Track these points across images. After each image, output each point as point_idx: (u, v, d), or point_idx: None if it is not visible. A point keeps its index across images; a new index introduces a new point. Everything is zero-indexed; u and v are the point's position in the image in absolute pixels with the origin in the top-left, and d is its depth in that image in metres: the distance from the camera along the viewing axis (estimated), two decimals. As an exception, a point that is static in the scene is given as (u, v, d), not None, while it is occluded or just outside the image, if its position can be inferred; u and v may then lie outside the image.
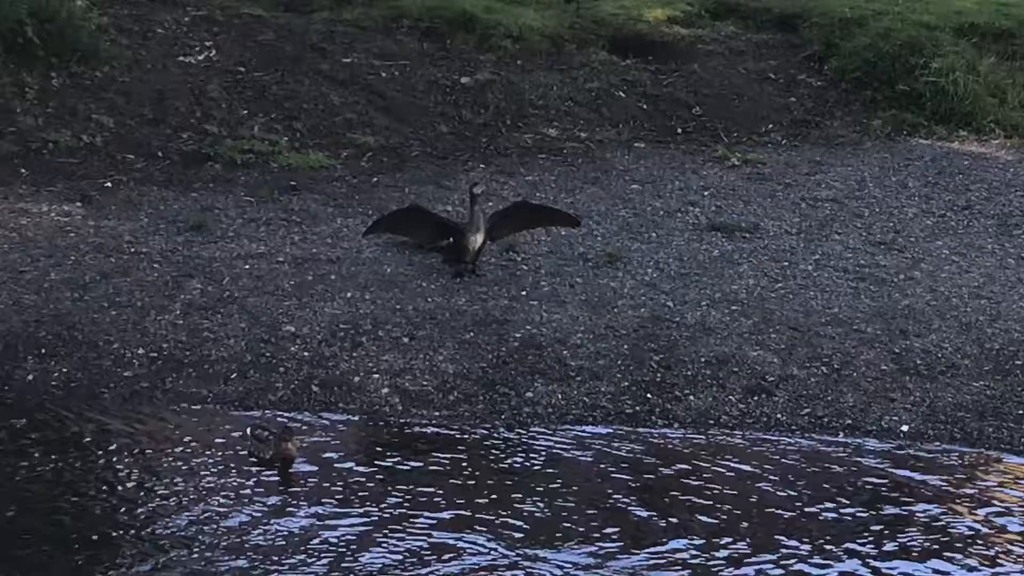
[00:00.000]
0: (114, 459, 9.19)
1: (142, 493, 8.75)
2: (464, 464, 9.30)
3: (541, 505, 8.76)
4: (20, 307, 10.96)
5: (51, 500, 8.62)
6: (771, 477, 9.24)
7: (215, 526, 8.34)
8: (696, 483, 9.13)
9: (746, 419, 10.03)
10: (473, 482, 9.05)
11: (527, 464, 9.33)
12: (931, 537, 8.57)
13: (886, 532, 8.59)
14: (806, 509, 8.87)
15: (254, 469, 9.03)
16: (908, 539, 8.53)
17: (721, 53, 17.79)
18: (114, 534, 8.29)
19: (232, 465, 9.09)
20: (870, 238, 13.25)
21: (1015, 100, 16.97)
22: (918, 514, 8.87)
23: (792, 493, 9.05)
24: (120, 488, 8.81)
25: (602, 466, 9.33)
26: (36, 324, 10.72)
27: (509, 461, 9.38)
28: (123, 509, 8.56)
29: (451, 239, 11.92)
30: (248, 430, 9.29)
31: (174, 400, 9.97)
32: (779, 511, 8.82)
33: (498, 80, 16.49)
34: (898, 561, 8.30)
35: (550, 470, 9.25)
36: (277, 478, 8.94)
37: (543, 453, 9.48)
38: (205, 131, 14.95)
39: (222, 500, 8.64)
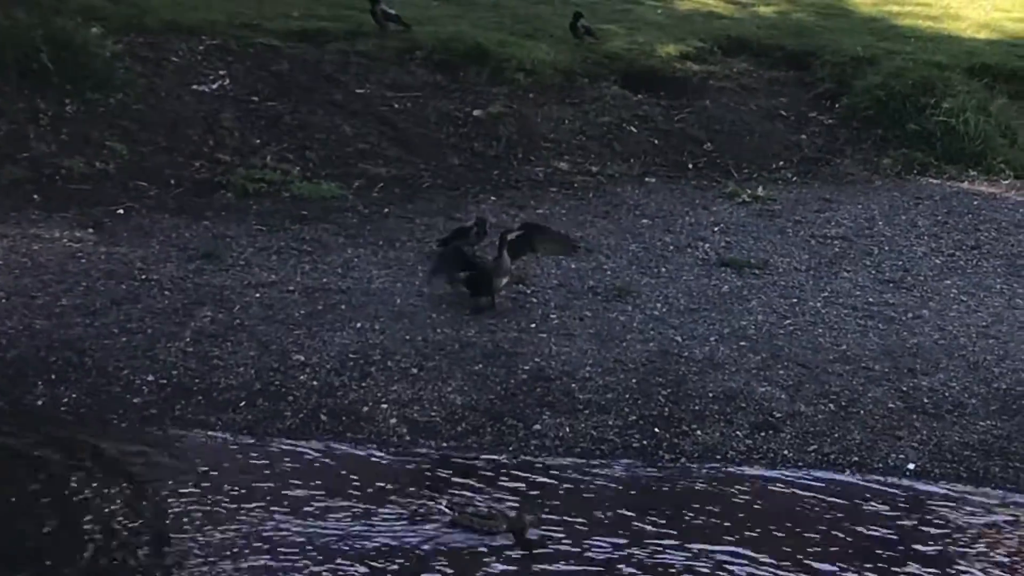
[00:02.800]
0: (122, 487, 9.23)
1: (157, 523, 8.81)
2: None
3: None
4: (31, 332, 10.99)
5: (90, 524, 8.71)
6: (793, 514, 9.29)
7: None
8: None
9: (753, 454, 10.04)
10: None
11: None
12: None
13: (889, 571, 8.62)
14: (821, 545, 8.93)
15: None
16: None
17: (733, 89, 17.83)
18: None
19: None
20: (879, 276, 13.26)
21: (1026, 141, 17.03)
22: (923, 553, 8.88)
23: (805, 530, 9.09)
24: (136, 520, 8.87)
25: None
26: (47, 349, 10.74)
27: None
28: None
29: (473, 274, 11.93)
30: (454, 514, 8.88)
31: (183, 427, 9.99)
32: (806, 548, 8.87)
33: (510, 113, 16.54)
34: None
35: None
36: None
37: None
38: (218, 160, 15.00)
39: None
